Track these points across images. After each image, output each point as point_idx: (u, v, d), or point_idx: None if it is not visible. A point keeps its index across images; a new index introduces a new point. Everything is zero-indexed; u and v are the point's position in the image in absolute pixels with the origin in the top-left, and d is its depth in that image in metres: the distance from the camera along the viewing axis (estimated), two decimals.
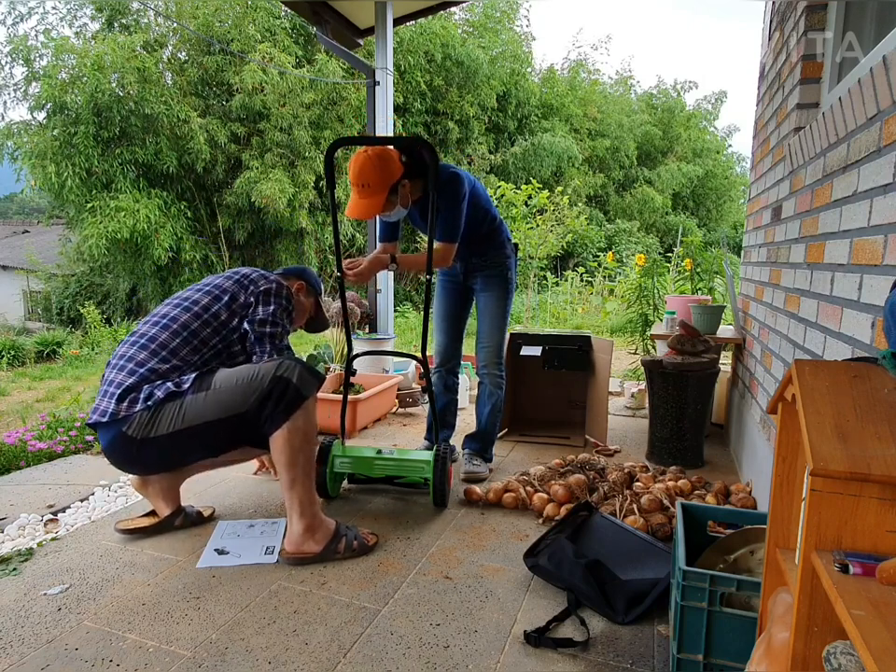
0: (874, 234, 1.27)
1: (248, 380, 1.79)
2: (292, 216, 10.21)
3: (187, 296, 1.98)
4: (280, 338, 1.96)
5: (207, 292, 1.97)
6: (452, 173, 2.28)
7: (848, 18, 1.96)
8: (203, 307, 1.92)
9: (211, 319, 1.91)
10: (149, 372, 1.80)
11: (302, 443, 1.81)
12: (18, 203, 29.35)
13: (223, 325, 1.93)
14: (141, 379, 1.79)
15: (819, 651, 0.69)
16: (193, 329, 1.88)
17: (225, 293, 1.96)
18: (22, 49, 9.52)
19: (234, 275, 2.02)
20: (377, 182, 2.11)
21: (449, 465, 2.25)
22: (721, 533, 1.54)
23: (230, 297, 1.95)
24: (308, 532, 1.83)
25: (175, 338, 1.86)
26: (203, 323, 1.90)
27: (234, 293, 1.96)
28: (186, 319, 1.89)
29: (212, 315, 1.92)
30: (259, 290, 1.96)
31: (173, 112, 9.57)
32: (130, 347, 1.87)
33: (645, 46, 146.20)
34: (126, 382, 1.78)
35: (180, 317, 1.90)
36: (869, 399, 0.79)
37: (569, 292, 9.90)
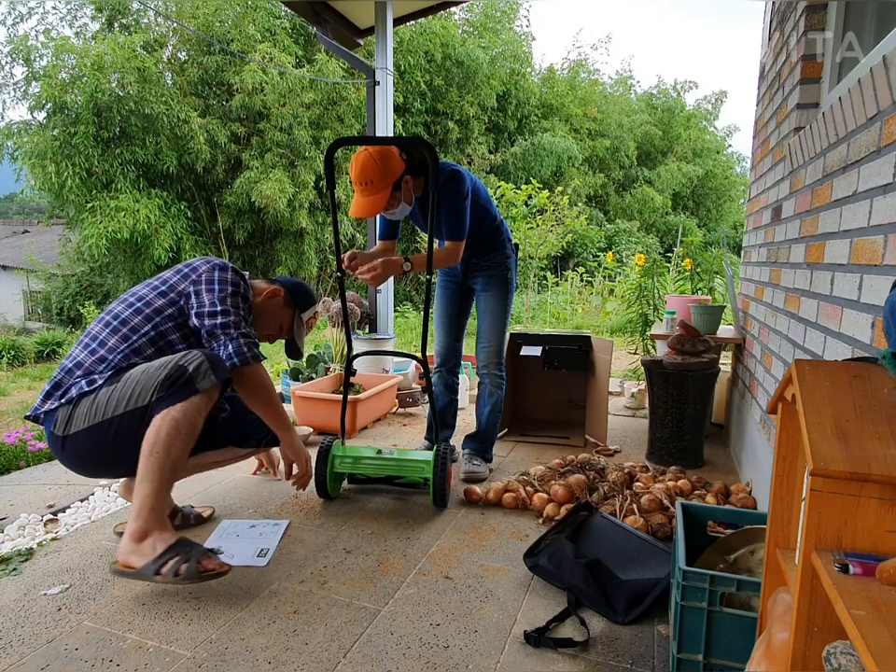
0: (874, 234, 1.27)
1: (154, 369, 1.68)
2: (292, 216, 10.21)
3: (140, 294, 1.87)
4: (236, 325, 1.80)
5: (147, 283, 1.89)
6: (453, 170, 2.28)
7: (848, 18, 1.96)
8: (137, 297, 1.85)
9: (143, 307, 1.82)
10: (76, 367, 1.76)
11: (170, 437, 1.60)
12: (18, 203, 29.37)
13: (156, 312, 1.82)
14: (67, 375, 1.76)
15: (819, 651, 0.69)
16: (124, 318, 1.81)
17: (165, 283, 1.86)
18: (22, 48, 9.51)
19: (183, 267, 1.91)
20: (380, 179, 2.11)
21: (449, 465, 2.25)
22: (721, 533, 1.54)
23: (167, 285, 1.86)
24: (135, 539, 1.59)
25: (104, 328, 1.81)
26: (135, 311, 1.82)
27: (173, 283, 1.85)
28: (119, 309, 1.84)
29: (144, 302, 1.83)
30: (200, 276, 1.84)
31: (173, 112, 9.57)
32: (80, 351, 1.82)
33: (645, 46, 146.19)
34: (56, 377, 1.76)
35: (114, 308, 1.85)
36: (869, 399, 0.79)
37: (569, 292, 9.90)
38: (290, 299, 2.07)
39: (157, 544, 1.58)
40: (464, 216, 2.30)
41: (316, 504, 2.29)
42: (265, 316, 2.03)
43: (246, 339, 1.82)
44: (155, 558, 1.56)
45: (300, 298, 2.10)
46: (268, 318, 2.04)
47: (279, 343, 2.18)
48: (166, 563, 1.55)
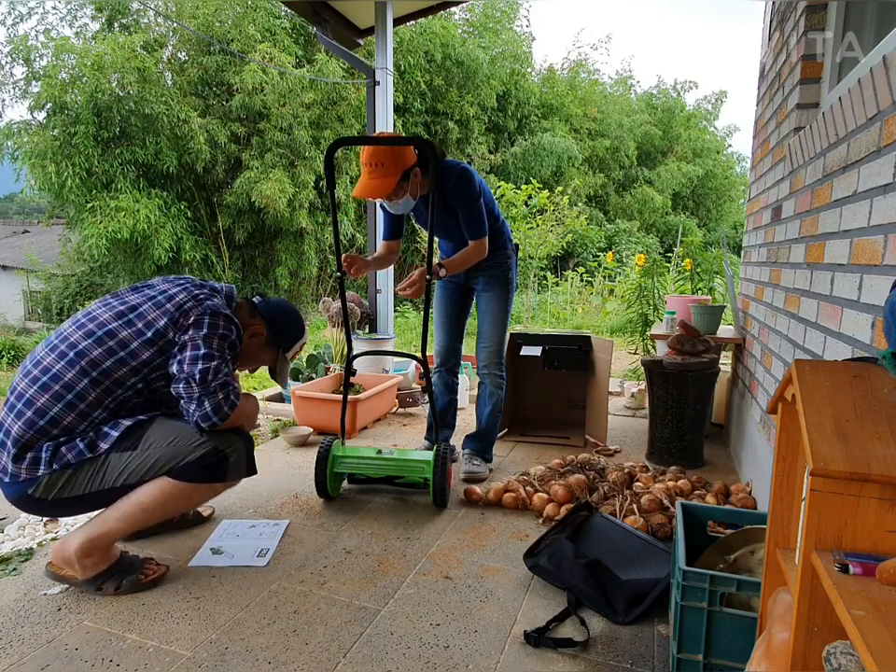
0: (874, 234, 1.27)
1: (185, 444, 1.61)
2: (292, 216, 10.21)
3: (102, 321, 1.62)
4: (214, 374, 1.61)
5: (128, 322, 1.61)
6: (463, 169, 2.29)
7: (848, 18, 1.96)
8: (119, 341, 1.59)
9: (128, 358, 1.59)
10: (50, 425, 1.55)
11: (173, 508, 1.67)
12: (18, 203, 29.34)
13: (144, 364, 1.62)
14: (40, 434, 1.54)
15: (818, 651, 0.69)
16: (105, 369, 1.57)
17: (150, 327, 1.61)
18: (22, 48, 9.51)
19: (165, 302, 1.64)
20: (391, 163, 2.11)
21: (449, 465, 2.25)
22: (721, 533, 1.54)
23: (155, 333, 1.61)
24: (82, 554, 1.61)
25: (82, 378, 1.56)
26: (118, 361, 1.59)
27: (162, 330, 1.61)
28: (97, 355, 1.57)
29: (129, 353, 1.59)
30: (189, 322, 1.62)
31: (173, 112, 9.56)
32: (29, 385, 1.57)
33: (645, 46, 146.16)
34: (23, 436, 1.53)
35: (90, 352, 1.57)
36: (869, 399, 0.79)
37: (569, 292, 9.89)
38: (272, 339, 1.89)
39: (100, 563, 1.64)
40: (481, 214, 2.32)
41: (316, 504, 2.29)
42: (245, 356, 1.86)
43: (224, 389, 1.64)
44: (95, 576, 1.63)
45: (282, 337, 1.91)
46: (248, 358, 1.88)
47: None
48: (106, 580, 1.64)
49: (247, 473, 1.76)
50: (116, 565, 1.66)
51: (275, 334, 1.90)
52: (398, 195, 2.20)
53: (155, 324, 1.62)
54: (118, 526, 1.63)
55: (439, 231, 2.50)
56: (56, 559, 1.65)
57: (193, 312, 1.63)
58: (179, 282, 1.73)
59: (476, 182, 2.31)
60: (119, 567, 1.67)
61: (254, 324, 1.84)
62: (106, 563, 1.65)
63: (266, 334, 1.87)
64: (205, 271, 10.46)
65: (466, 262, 2.37)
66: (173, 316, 1.62)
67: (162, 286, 1.71)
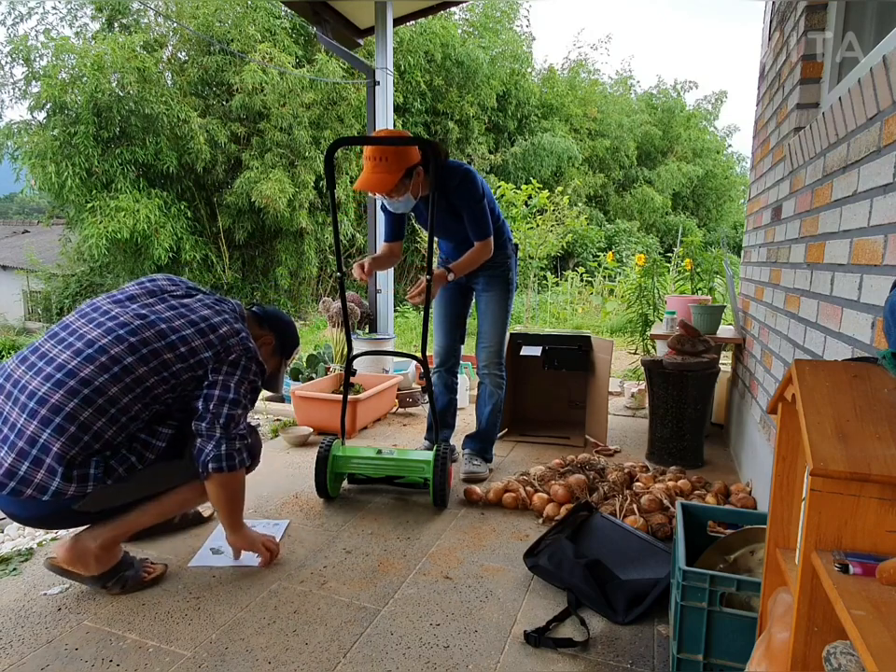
0: (874, 234, 1.27)
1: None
2: (292, 216, 10.21)
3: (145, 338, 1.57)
4: (237, 422, 1.66)
5: (170, 344, 1.58)
6: (466, 170, 2.30)
7: (848, 18, 1.96)
8: (163, 362, 1.57)
9: (171, 378, 1.59)
10: (94, 440, 1.50)
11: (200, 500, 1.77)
12: (18, 203, 29.32)
13: (181, 384, 1.62)
14: (86, 450, 1.49)
15: (818, 651, 0.69)
16: (149, 386, 1.56)
17: (193, 355, 1.60)
18: (22, 48, 9.51)
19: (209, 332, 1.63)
20: (395, 160, 2.11)
21: (449, 465, 2.25)
22: (721, 533, 1.54)
23: (198, 362, 1.61)
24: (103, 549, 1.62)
25: (126, 394, 1.53)
26: (162, 380, 1.58)
27: (205, 361, 1.61)
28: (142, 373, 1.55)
29: (172, 373, 1.59)
30: (229, 360, 1.64)
31: (173, 112, 9.56)
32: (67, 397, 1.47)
33: (645, 46, 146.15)
34: (68, 453, 1.46)
35: (135, 370, 1.54)
36: (869, 399, 0.79)
37: (569, 292, 9.89)
38: (279, 347, 1.93)
39: (112, 559, 1.65)
40: (485, 214, 2.33)
41: (316, 504, 2.29)
42: None
43: (242, 441, 1.68)
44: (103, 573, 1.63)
45: (287, 345, 1.96)
46: None
47: None
48: (112, 578, 1.65)
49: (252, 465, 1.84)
50: (122, 562, 1.68)
51: (282, 343, 1.93)
52: (399, 192, 2.19)
53: (198, 353, 1.61)
54: (151, 521, 1.72)
55: (439, 232, 2.50)
56: (65, 556, 1.61)
57: (235, 350, 1.65)
58: (217, 307, 1.71)
59: (479, 183, 2.31)
60: (123, 565, 1.68)
61: (263, 335, 1.86)
62: (116, 559, 1.66)
63: (274, 343, 1.90)
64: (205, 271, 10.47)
65: (473, 263, 2.38)
66: (217, 351, 1.63)
67: (201, 310, 1.67)
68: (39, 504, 1.49)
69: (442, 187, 2.23)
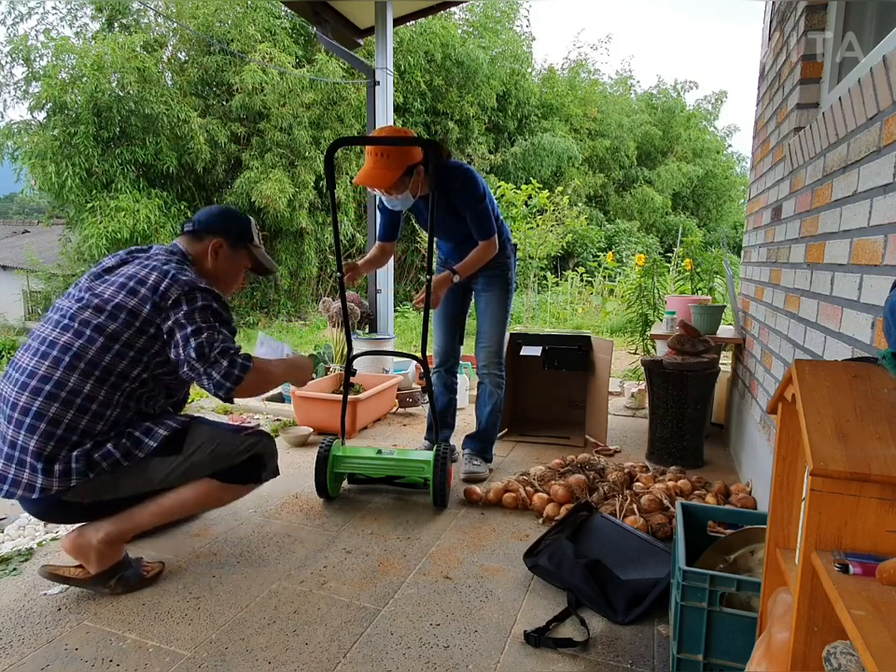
0: (874, 234, 1.27)
1: (228, 450, 1.68)
2: (292, 216, 10.21)
3: (85, 318, 1.59)
4: (211, 345, 1.60)
5: (110, 315, 1.58)
6: (467, 170, 2.31)
7: (848, 18, 1.96)
8: (109, 336, 1.57)
9: (124, 349, 1.58)
10: (68, 432, 1.53)
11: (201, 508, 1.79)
12: (18, 203, 29.30)
13: (142, 352, 1.61)
14: (62, 444, 1.53)
15: (818, 651, 0.69)
16: (106, 365, 1.56)
17: (122, 311, 1.58)
18: (22, 48, 9.51)
19: (139, 287, 1.60)
20: (397, 156, 2.11)
21: (449, 465, 2.25)
22: (721, 533, 1.54)
23: (129, 314, 1.59)
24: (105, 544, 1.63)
25: (86, 380, 1.55)
26: (116, 355, 1.57)
27: (135, 309, 1.59)
28: (93, 355, 1.56)
29: (123, 343, 1.58)
30: (168, 303, 1.60)
31: (173, 112, 9.56)
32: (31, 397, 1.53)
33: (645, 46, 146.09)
34: (44, 449, 1.51)
35: (86, 353, 1.56)
36: (869, 399, 0.79)
37: (569, 292, 9.89)
38: (233, 241, 1.84)
39: (114, 556, 1.67)
40: (488, 214, 2.34)
41: (316, 504, 2.29)
42: (226, 275, 1.85)
43: (225, 355, 1.62)
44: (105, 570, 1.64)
45: (239, 233, 1.85)
46: (230, 274, 1.87)
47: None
48: (113, 577, 1.65)
49: (274, 475, 1.85)
50: (122, 562, 1.68)
51: (231, 234, 1.83)
52: (398, 189, 2.20)
53: (139, 312, 1.59)
54: (151, 520, 1.71)
55: (439, 232, 2.51)
56: (69, 546, 1.63)
57: (171, 293, 1.60)
58: (147, 262, 1.69)
59: (480, 182, 2.32)
60: (123, 565, 1.68)
61: (208, 244, 1.79)
62: (118, 557, 1.67)
63: (225, 241, 1.82)
64: None
65: (477, 263, 2.38)
66: (154, 302, 1.59)
67: (130, 270, 1.66)
68: (32, 502, 1.57)
69: (443, 186, 2.23)
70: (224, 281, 1.86)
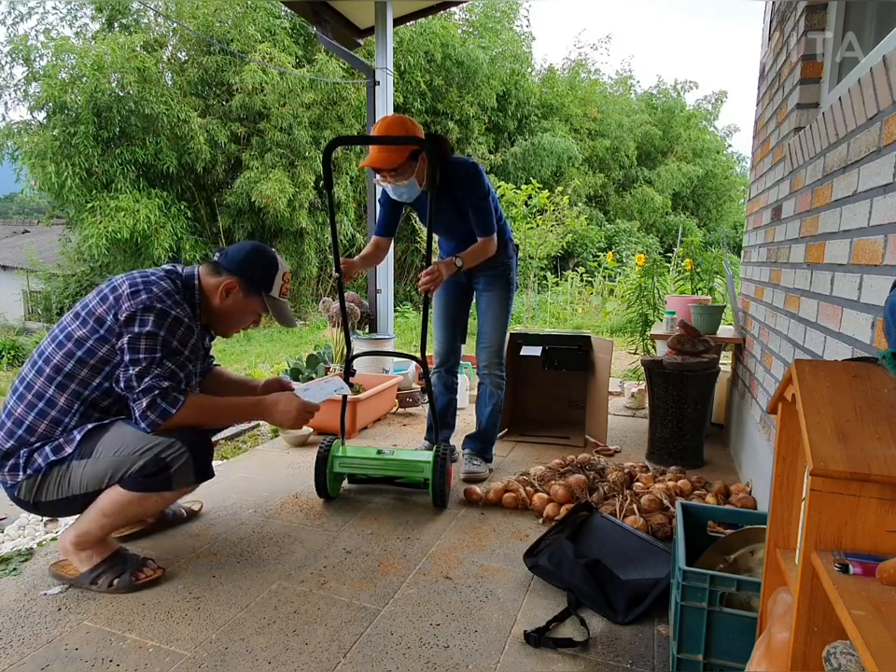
0: (874, 234, 1.27)
1: (130, 452, 1.58)
2: (292, 216, 10.21)
3: (64, 324, 1.64)
4: (138, 379, 1.58)
5: (82, 321, 1.61)
6: (472, 164, 2.31)
7: (848, 18, 1.96)
8: (76, 341, 1.60)
9: (86, 357, 1.60)
10: (27, 433, 1.60)
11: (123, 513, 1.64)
12: (18, 203, 29.29)
13: (104, 361, 1.60)
14: (19, 443, 1.60)
15: (818, 651, 0.69)
16: (68, 372, 1.59)
17: (101, 324, 1.59)
18: (22, 48, 9.51)
19: (109, 294, 1.62)
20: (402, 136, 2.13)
21: (449, 465, 2.25)
22: (721, 533, 1.54)
23: (107, 329, 1.59)
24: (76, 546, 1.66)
25: (49, 385, 1.60)
26: (78, 362, 1.59)
27: (111, 324, 1.59)
28: (58, 360, 1.60)
29: (86, 351, 1.59)
30: (122, 319, 1.58)
31: (173, 112, 9.56)
32: (11, 396, 1.65)
33: (645, 46, 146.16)
34: (4, 445, 1.61)
35: (53, 357, 1.61)
36: (869, 399, 0.79)
37: (569, 292, 9.89)
38: (248, 285, 1.78)
39: (94, 556, 1.68)
40: (489, 211, 2.33)
41: (316, 504, 2.29)
42: (231, 316, 1.81)
43: (149, 394, 1.58)
44: (91, 568, 1.67)
45: (258, 278, 1.79)
46: (235, 316, 1.82)
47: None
48: (101, 574, 1.66)
49: (198, 479, 1.69)
50: (112, 557, 1.69)
51: (248, 279, 1.77)
52: (404, 175, 2.20)
53: (104, 320, 1.60)
54: (92, 528, 1.67)
55: (441, 229, 2.51)
56: (60, 550, 1.72)
57: (127, 306, 1.58)
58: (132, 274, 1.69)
59: (484, 181, 2.32)
60: (115, 559, 1.69)
61: (222, 282, 1.75)
62: (101, 556, 1.68)
63: (239, 284, 1.77)
64: None
65: (479, 256, 2.37)
66: (115, 313, 1.59)
67: (116, 279, 1.67)
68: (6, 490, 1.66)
69: (447, 181, 2.24)
70: (225, 322, 1.83)
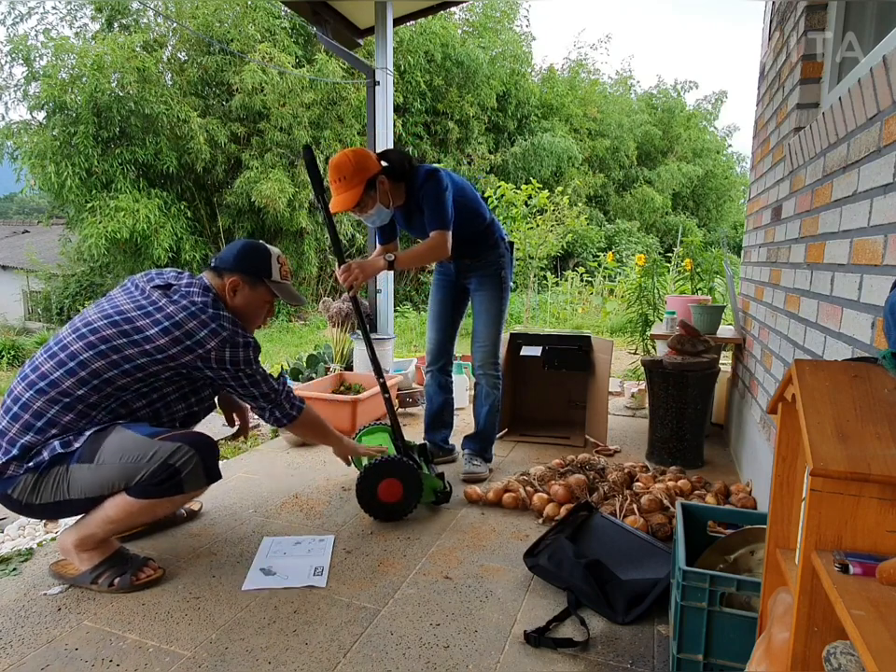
0: (874, 234, 1.27)
1: (135, 460, 1.58)
2: (292, 216, 10.21)
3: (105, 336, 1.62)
4: (272, 392, 1.85)
5: (133, 342, 1.62)
6: (428, 170, 2.32)
7: (848, 18, 1.96)
8: (122, 357, 1.62)
9: (134, 370, 1.64)
10: (46, 424, 1.60)
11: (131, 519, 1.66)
12: (18, 203, 29.27)
13: (151, 375, 1.68)
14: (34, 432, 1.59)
15: (819, 651, 0.69)
16: (108, 378, 1.62)
17: (161, 352, 1.63)
18: (22, 48, 9.51)
19: (174, 329, 1.64)
20: (352, 175, 2.16)
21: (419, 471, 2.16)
22: (721, 533, 1.54)
23: (167, 357, 1.65)
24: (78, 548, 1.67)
25: (81, 386, 1.60)
26: (123, 373, 1.63)
27: (177, 355, 1.65)
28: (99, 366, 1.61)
29: (136, 366, 1.64)
30: (213, 357, 1.68)
31: (173, 112, 9.56)
32: (25, 389, 1.62)
33: (645, 46, 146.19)
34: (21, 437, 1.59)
35: (92, 363, 1.61)
36: (869, 399, 0.79)
37: (569, 292, 9.89)
38: (250, 277, 1.83)
39: (95, 556, 1.68)
40: (444, 206, 2.26)
41: (316, 504, 2.29)
42: (246, 311, 1.85)
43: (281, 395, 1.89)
44: (92, 567, 1.67)
45: (256, 268, 1.85)
46: (250, 311, 1.86)
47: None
48: (102, 574, 1.67)
49: (208, 482, 1.71)
50: (113, 556, 1.70)
51: (248, 272, 1.83)
52: (367, 205, 2.24)
53: (166, 350, 1.65)
54: (96, 532, 1.67)
55: (419, 235, 2.50)
56: (60, 550, 1.73)
57: (211, 346, 1.68)
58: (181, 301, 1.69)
59: (443, 179, 2.28)
60: (116, 559, 1.70)
61: (227, 283, 1.81)
62: (103, 555, 1.69)
63: (242, 279, 1.82)
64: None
65: (422, 256, 2.35)
66: (188, 347, 1.66)
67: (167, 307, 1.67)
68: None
69: (411, 190, 2.30)
70: (246, 317, 1.85)
